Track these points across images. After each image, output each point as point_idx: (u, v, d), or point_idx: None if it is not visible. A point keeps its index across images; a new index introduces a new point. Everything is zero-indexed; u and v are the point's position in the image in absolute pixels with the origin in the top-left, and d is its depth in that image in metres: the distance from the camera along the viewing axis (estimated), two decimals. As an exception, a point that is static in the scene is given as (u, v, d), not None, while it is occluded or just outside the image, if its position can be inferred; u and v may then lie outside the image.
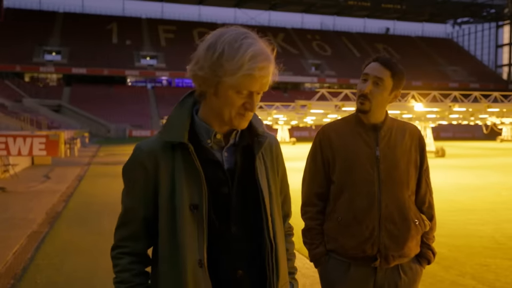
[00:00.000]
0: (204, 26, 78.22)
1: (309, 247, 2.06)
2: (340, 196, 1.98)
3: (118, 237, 1.36)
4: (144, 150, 1.30)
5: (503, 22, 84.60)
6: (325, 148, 2.03)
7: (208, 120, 1.32)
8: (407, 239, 1.94)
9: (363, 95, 1.95)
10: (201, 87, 1.28)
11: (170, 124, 1.31)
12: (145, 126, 57.40)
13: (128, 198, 1.34)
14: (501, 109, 16.23)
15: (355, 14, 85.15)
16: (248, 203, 1.34)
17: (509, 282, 4.45)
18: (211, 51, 1.21)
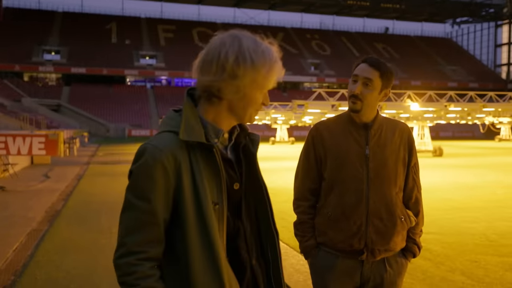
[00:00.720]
0: (204, 25, 78.25)
1: (301, 239, 2.16)
2: (330, 192, 2.08)
3: (132, 242, 1.25)
4: (163, 150, 1.25)
5: (502, 22, 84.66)
6: (317, 145, 2.11)
7: (216, 120, 1.34)
8: (393, 234, 2.03)
9: (354, 95, 2.03)
10: (221, 93, 1.29)
11: (189, 124, 1.29)
12: (144, 125, 57.48)
13: (146, 200, 1.25)
14: (496, 109, 16.33)
15: (354, 14, 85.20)
16: (253, 197, 1.43)
17: (497, 278, 4.55)
18: (242, 60, 1.25)
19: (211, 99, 1.31)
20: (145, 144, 1.28)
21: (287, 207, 8.51)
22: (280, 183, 11.76)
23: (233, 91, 1.28)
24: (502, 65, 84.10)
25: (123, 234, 1.26)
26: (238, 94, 1.29)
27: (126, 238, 1.25)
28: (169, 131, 1.30)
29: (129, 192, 1.28)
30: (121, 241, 1.26)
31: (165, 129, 1.31)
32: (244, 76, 1.26)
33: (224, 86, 1.27)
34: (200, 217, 1.27)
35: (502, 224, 6.96)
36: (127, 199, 1.28)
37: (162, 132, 1.31)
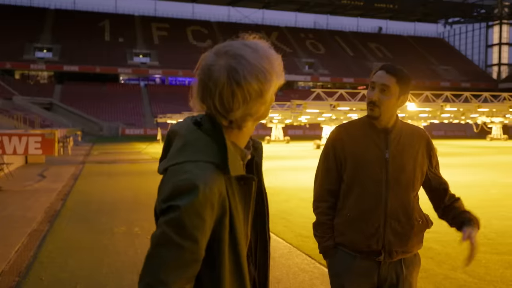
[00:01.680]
0: (198, 24, 78.13)
1: (320, 240, 2.22)
2: (350, 194, 2.13)
3: (175, 280, 1.18)
4: (212, 189, 1.19)
5: (493, 22, 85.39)
6: (337, 147, 2.16)
7: (240, 142, 1.30)
8: (410, 236, 2.09)
9: (372, 102, 2.08)
10: (253, 114, 1.25)
11: (232, 156, 1.23)
12: (138, 124, 57.32)
13: (193, 240, 1.19)
14: (490, 109, 16.51)
15: (348, 13, 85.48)
16: (258, 208, 1.42)
17: (498, 276, 4.63)
18: (261, 76, 1.21)
19: (241, 125, 1.26)
20: (192, 179, 1.17)
21: (287, 206, 8.60)
22: (278, 183, 11.80)
23: (263, 104, 1.25)
24: (493, 65, 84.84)
25: (161, 271, 1.17)
26: (266, 104, 1.27)
27: (164, 275, 1.17)
28: (209, 162, 1.21)
29: (173, 228, 1.17)
30: (157, 277, 1.17)
31: (204, 158, 1.21)
32: (269, 88, 1.24)
33: (257, 107, 1.24)
34: (235, 249, 1.26)
35: (499, 223, 7.05)
36: (170, 236, 1.17)
37: (199, 162, 1.20)
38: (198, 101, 1.25)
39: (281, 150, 25.85)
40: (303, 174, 13.83)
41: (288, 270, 4.83)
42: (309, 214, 7.72)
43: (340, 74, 70.98)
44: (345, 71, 71.86)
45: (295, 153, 23.86)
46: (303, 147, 28.84)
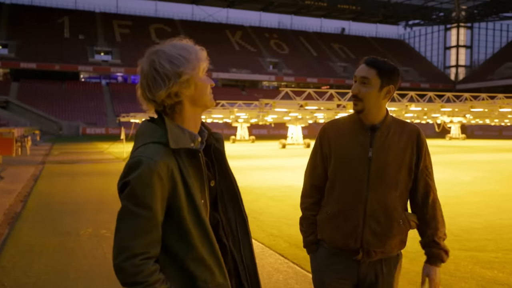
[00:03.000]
0: (161, 22, 77.08)
1: (304, 234, 2.24)
2: (331, 191, 2.12)
3: (135, 245, 1.38)
4: (157, 161, 1.39)
5: (451, 25, 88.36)
6: (324, 144, 2.15)
7: (188, 126, 1.50)
8: (389, 237, 2.05)
9: (354, 96, 2.07)
10: (180, 95, 1.46)
11: (174, 133, 1.44)
12: (100, 123, 55.99)
13: (146, 207, 1.39)
14: (453, 109, 17.02)
15: (312, 14, 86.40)
16: (225, 190, 1.63)
17: (468, 272, 4.72)
18: (175, 60, 1.45)
19: (175, 108, 1.48)
20: (138, 157, 1.40)
21: (257, 206, 8.55)
22: (247, 183, 11.73)
23: (186, 86, 1.46)
24: (451, 67, 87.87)
25: (125, 239, 1.38)
26: (191, 87, 1.47)
27: (128, 242, 1.37)
28: (156, 142, 1.43)
29: (128, 200, 1.39)
30: (122, 246, 1.38)
31: (151, 140, 1.44)
32: (185, 70, 1.45)
33: (178, 88, 1.45)
34: (195, 212, 1.44)
35: (464, 220, 7.23)
36: (126, 207, 1.39)
37: (148, 144, 1.43)
38: (141, 99, 1.50)
39: (247, 150, 25.82)
40: (271, 173, 13.83)
41: (262, 270, 4.77)
42: (279, 213, 7.74)
43: (304, 74, 71.62)
44: (309, 71, 72.57)
45: (261, 153, 23.86)
46: (268, 147, 28.91)
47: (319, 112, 21.46)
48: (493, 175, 13.72)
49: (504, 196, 9.73)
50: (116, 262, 1.39)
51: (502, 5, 78.78)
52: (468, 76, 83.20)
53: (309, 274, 4.62)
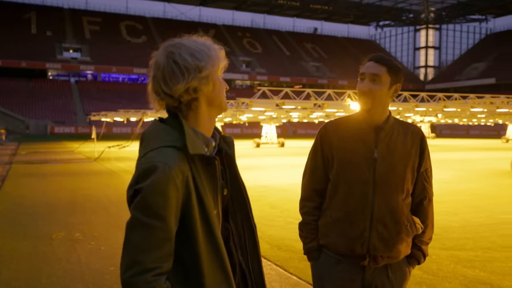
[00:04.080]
0: (132, 19, 75.95)
1: (304, 240, 2.13)
2: (335, 194, 2.02)
3: (147, 260, 1.26)
4: (172, 167, 1.27)
5: (420, 27, 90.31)
6: (325, 145, 2.05)
7: (202, 129, 1.40)
8: (396, 241, 1.97)
9: (364, 93, 1.98)
10: (198, 91, 1.36)
11: (191, 138, 1.33)
12: (69, 122, 54.75)
13: (160, 218, 1.27)
14: (427, 109, 17.34)
15: (284, 13, 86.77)
16: (236, 198, 1.52)
17: (450, 271, 4.72)
18: (197, 54, 1.35)
19: (191, 105, 1.37)
20: (152, 162, 1.28)
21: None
22: (222, 181, 11.57)
23: (206, 83, 1.36)
24: (420, 67, 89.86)
25: (136, 253, 1.26)
26: (210, 84, 1.37)
27: (140, 256, 1.25)
28: (169, 146, 1.31)
29: (140, 210, 1.26)
30: (133, 260, 1.25)
31: (164, 144, 1.32)
32: (206, 65, 1.35)
33: (197, 83, 1.34)
34: (208, 225, 1.33)
35: (442, 218, 7.28)
36: (138, 218, 1.27)
37: (161, 147, 1.31)
38: (152, 95, 1.37)
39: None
40: (246, 173, 13.74)
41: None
42: (257, 214, 7.60)
43: (277, 73, 71.81)
44: (281, 70, 72.81)
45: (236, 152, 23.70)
46: (242, 146, 28.74)
47: (295, 111, 21.55)
48: (467, 174, 13.99)
49: (479, 195, 9.89)
50: (125, 277, 1.26)
51: (468, 8, 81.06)
52: (437, 77, 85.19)
53: (292, 277, 4.53)
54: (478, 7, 79.97)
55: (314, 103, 17.93)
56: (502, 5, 77.84)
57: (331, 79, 73.43)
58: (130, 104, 53.27)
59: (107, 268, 4.76)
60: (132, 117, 30.82)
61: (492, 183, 11.95)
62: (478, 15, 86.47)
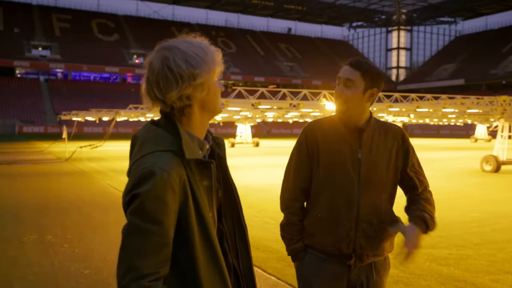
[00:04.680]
0: (104, 17, 74.69)
1: (288, 242, 2.12)
2: (321, 194, 2.04)
3: (145, 265, 1.24)
4: (170, 172, 1.27)
5: (392, 28, 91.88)
6: (310, 143, 2.07)
7: (195, 132, 1.39)
8: (382, 240, 2.02)
9: (337, 97, 2.05)
10: (192, 98, 1.34)
11: (187, 142, 1.33)
12: (38, 122, 53.42)
13: (158, 223, 1.26)
14: (400, 109, 17.65)
15: (258, 13, 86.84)
16: (227, 199, 1.52)
17: (426, 269, 4.80)
18: (192, 60, 1.33)
19: (184, 111, 1.36)
20: (150, 167, 1.26)
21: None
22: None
23: (200, 90, 1.35)
24: (392, 68, 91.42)
25: (133, 258, 1.24)
26: (204, 91, 1.36)
27: (137, 262, 1.24)
28: (166, 150, 1.30)
29: (137, 216, 1.25)
30: (130, 266, 1.24)
31: (160, 148, 1.31)
32: (201, 72, 1.33)
33: (191, 91, 1.33)
34: (204, 229, 1.33)
35: (416, 217, 7.41)
36: (135, 224, 1.25)
37: (157, 152, 1.30)
38: (145, 96, 1.35)
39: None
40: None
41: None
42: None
43: (251, 73, 71.82)
44: (256, 70, 72.86)
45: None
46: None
47: (270, 111, 21.61)
48: (439, 173, 14.26)
49: (451, 194, 10.10)
50: (122, 283, 1.24)
51: (438, 10, 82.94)
52: (408, 77, 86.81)
53: (271, 277, 4.51)
54: (448, 9, 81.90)
55: (290, 103, 18.02)
56: (470, 8, 79.95)
57: (305, 79, 73.91)
58: (102, 104, 52.35)
59: (82, 272, 4.63)
60: (105, 116, 30.25)
61: (463, 182, 12.24)
62: (447, 18, 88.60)
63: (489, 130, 37.15)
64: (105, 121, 42.98)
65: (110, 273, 4.55)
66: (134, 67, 65.95)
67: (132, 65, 66.28)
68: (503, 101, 14.85)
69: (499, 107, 14.86)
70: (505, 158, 15.08)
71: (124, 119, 29.77)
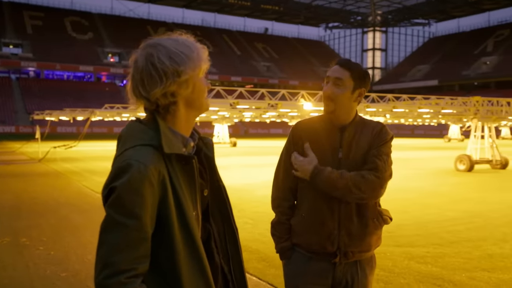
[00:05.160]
0: (78, 15, 73.47)
1: (277, 240, 2.16)
2: (305, 193, 2.08)
3: (121, 260, 1.21)
4: (148, 165, 1.25)
5: (367, 29, 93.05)
6: (297, 143, 2.10)
7: (180, 129, 1.38)
8: (365, 236, 2.05)
9: (326, 96, 2.06)
10: (176, 95, 1.34)
11: (167, 137, 1.31)
12: (9, 121, 52.19)
13: (135, 217, 1.23)
14: (377, 109, 17.87)
15: (235, 13, 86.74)
16: (216, 199, 1.51)
17: (404, 267, 4.86)
18: (176, 57, 1.32)
19: (169, 109, 1.35)
20: (127, 160, 1.25)
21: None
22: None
23: (184, 87, 1.34)
24: (368, 69, 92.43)
25: (110, 253, 1.21)
26: (189, 87, 1.35)
27: (114, 257, 1.21)
28: (145, 144, 1.29)
29: (114, 209, 1.24)
30: (107, 261, 1.21)
31: (140, 142, 1.30)
32: (186, 69, 1.33)
33: (175, 87, 1.32)
34: (185, 227, 1.30)
35: (394, 216, 7.24)
36: (112, 218, 1.23)
37: (137, 146, 1.29)
38: (131, 94, 1.34)
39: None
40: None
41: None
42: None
43: (228, 73, 71.69)
44: (232, 70, 72.76)
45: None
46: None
47: (248, 111, 21.60)
48: (414, 172, 14.49)
49: (427, 193, 10.27)
50: (98, 279, 1.21)
51: (412, 12, 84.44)
52: (384, 78, 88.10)
53: (252, 277, 4.50)
54: (422, 11, 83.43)
55: (269, 103, 18.05)
56: (443, 10, 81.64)
57: (282, 79, 74.18)
58: (75, 103, 51.44)
59: (58, 275, 4.53)
60: (79, 116, 29.71)
61: (438, 182, 12.47)
62: (421, 19, 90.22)
63: (462, 130, 37.96)
64: (80, 120, 42.24)
65: (88, 275, 4.46)
66: (109, 66, 65.05)
67: (107, 64, 65.36)
68: (476, 101, 15.18)
69: (472, 107, 15.20)
70: (478, 158, 15.45)
71: (99, 118, 29.30)
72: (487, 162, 15.60)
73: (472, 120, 15.42)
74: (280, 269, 2.58)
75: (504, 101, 16.26)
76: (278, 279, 4.39)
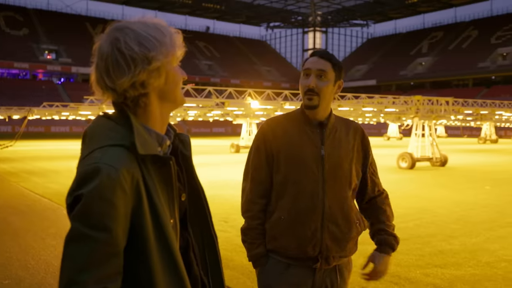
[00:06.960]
0: (12, 9, 69.63)
1: (249, 246, 2.01)
2: (284, 194, 1.94)
3: (89, 279, 1.04)
4: (119, 169, 1.08)
5: (308, 29, 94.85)
6: (269, 142, 1.97)
7: (154, 126, 1.22)
8: (348, 240, 1.97)
9: (310, 89, 1.92)
10: (146, 85, 1.17)
11: (141, 136, 1.14)
12: None
13: (104, 229, 1.06)
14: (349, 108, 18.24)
15: (176, 11, 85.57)
16: (193, 203, 1.34)
17: (359, 266, 4.86)
18: (146, 42, 1.15)
19: (139, 101, 1.18)
20: (95, 163, 1.08)
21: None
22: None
23: (156, 76, 1.17)
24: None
25: (75, 271, 1.04)
26: (162, 76, 1.19)
27: (80, 275, 1.04)
28: (115, 145, 1.12)
29: (81, 221, 1.06)
30: (72, 279, 1.04)
31: (109, 142, 1.12)
32: (157, 55, 1.16)
33: (145, 76, 1.15)
34: (162, 238, 1.15)
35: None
36: (78, 230, 1.06)
37: (106, 147, 1.11)
38: (95, 86, 1.18)
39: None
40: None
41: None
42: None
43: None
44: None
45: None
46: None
47: (193, 109, 21.36)
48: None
49: (393, 192, 10.51)
50: None
51: (351, 13, 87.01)
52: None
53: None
54: (360, 12, 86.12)
55: (216, 101, 17.88)
56: (381, 11, 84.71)
57: (224, 78, 74.04)
58: (10, 101, 48.59)
59: (1, 282, 4.25)
60: (15, 114, 28.09)
61: (382, 179, 12.75)
62: (360, 20, 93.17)
63: (401, 128, 39.47)
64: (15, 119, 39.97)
65: (33, 282, 4.22)
66: (46, 63, 62.13)
67: (44, 61, 62.38)
68: (417, 100, 15.79)
69: (413, 106, 15.79)
70: (419, 155, 16.08)
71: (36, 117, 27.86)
72: (428, 159, 16.27)
73: (413, 119, 16.01)
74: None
75: (443, 100, 17.05)
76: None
